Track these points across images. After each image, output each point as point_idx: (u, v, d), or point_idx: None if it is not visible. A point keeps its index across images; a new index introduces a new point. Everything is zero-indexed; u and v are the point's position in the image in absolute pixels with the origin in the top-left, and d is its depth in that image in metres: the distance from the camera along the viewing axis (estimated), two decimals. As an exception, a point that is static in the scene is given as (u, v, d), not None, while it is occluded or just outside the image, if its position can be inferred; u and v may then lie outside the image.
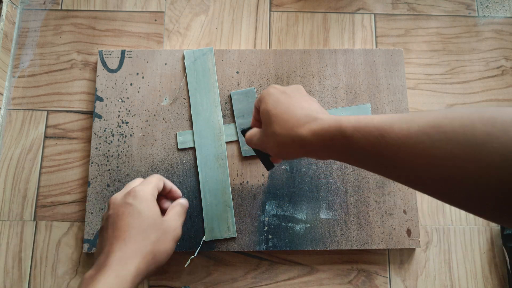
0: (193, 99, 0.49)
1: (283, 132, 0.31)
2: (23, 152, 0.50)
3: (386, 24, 0.55)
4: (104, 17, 0.55)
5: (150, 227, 0.33)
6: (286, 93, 0.33)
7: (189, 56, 0.50)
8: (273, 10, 0.55)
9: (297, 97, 0.33)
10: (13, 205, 0.48)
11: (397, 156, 0.24)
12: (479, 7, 0.56)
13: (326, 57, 0.51)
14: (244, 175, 0.48)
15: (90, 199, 0.47)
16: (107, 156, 0.48)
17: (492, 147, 0.19)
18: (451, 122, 0.22)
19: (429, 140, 0.22)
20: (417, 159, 0.23)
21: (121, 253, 0.31)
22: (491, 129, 0.20)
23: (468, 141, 0.20)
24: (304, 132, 0.29)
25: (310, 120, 0.29)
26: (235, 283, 0.46)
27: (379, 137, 0.24)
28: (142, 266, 0.31)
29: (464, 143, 0.21)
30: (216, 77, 0.50)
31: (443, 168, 0.22)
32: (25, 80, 0.52)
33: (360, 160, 0.27)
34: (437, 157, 0.22)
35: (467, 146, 0.20)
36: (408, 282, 0.47)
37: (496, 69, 0.53)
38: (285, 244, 0.46)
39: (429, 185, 0.23)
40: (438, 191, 0.23)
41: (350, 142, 0.26)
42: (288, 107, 0.31)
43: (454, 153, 0.21)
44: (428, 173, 0.23)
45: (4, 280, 0.46)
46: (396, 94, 0.50)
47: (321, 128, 0.28)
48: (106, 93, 0.50)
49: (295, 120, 0.30)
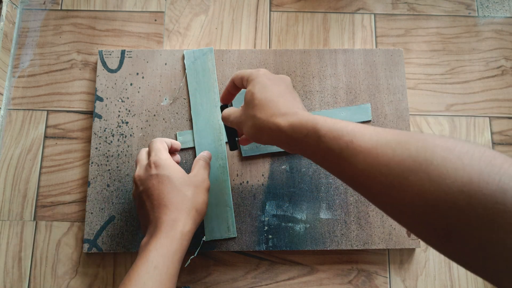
0: (193, 99, 0.49)
1: (263, 117, 0.32)
2: (23, 152, 0.50)
3: (386, 24, 0.55)
4: (104, 17, 0.55)
5: (183, 186, 0.37)
6: (274, 81, 0.35)
7: (189, 56, 0.50)
8: (273, 10, 0.55)
9: (283, 87, 0.34)
10: (13, 205, 0.48)
11: (360, 164, 0.26)
12: (479, 7, 0.56)
13: (326, 57, 0.51)
14: (244, 175, 0.48)
15: (90, 199, 0.47)
16: (107, 156, 0.48)
17: (446, 170, 0.22)
18: (416, 142, 0.24)
19: (392, 153, 0.24)
20: (378, 169, 0.25)
21: (166, 217, 0.34)
22: (448, 155, 0.22)
23: (426, 160, 0.22)
24: (282, 122, 0.31)
25: (291, 112, 0.31)
26: (235, 283, 0.47)
27: (349, 142, 0.26)
28: (189, 222, 0.35)
29: (423, 162, 0.23)
30: (216, 77, 0.50)
31: (399, 181, 0.23)
32: (25, 80, 0.52)
33: (324, 160, 0.29)
34: (396, 170, 0.24)
35: (425, 166, 0.22)
36: (408, 282, 0.47)
37: (496, 69, 0.53)
38: (285, 244, 0.46)
39: (381, 196, 0.26)
40: (388, 204, 0.25)
41: (321, 141, 0.28)
42: (272, 95, 0.33)
43: (411, 169, 0.23)
44: (384, 183, 0.24)
45: (4, 280, 0.46)
46: (396, 94, 0.50)
47: (298, 122, 0.30)
48: (106, 93, 0.50)
49: (277, 109, 0.32)
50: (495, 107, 0.52)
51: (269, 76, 0.35)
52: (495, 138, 0.51)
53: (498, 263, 0.20)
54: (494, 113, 0.52)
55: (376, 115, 0.49)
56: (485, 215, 0.20)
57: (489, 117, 0.52)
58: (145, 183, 0.37)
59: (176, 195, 0.36)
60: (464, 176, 0.21)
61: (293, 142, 0.31)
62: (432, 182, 0.22)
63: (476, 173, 0.21)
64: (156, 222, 0.35)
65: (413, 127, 0.51)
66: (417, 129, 0.51)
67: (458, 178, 0.21)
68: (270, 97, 0.33)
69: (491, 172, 0.20)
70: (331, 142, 0.27)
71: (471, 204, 0.20)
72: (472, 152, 0.22)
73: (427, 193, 0.22)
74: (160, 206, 0.35)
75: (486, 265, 0.21)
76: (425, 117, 0.52)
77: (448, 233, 0.22)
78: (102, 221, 0.46)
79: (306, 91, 0.50)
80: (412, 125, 0.51)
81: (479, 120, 0.52)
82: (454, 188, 0.21)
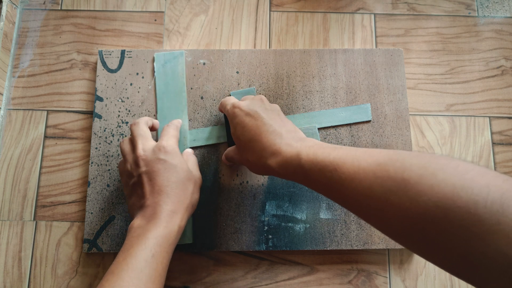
0: (160, 102, 0.49)
1: (255, 160, 0.35)
2: (23, 152, 0.50)
3: (386, 24, 0.55)
4: (104, 17, 0.55)
5: (186, 180, 0.37)
6: (250, 115, 0.36)
7: (159, 59, 0.50)
8: (273, 10, 0.55)
9: (261, 119, 0.35)
10: (13, 205, 0.48)
11: (346, 190, 0.27)
12: (479, 7, 0.56)
13: (326, 57, 0.51)
14: (244, 175, 0.48)
15: (90, 199, 0.47)
16: (107, 156, 0.48)
17: (422, 188, 0.23)
18: (394, 163, 0.25)
19: (374, 176, 0.26)
20: (362, 192, 0.26)
21: (166, 206, 0.34)
22: (423, 172, 0.23)
23: (403, 180, 0.24)
24: (271, 163, 0.33)
25: (275, 152, 0.33)
26: (235, 283, 0.47)
27: (333, 171, 0.28)
28: (185, 216, 0.36)
29: (401, 182, 0.24)
30: (185, 81, 0.49)
31: (382, 202, 0.25)
32: (25, 80, 0.52)
33: (317, 189, 0.31)
34: (378, 191, 0.25)
35: (403, 185, 0.24)
36: (408, 282, 0.47)
37: (496, 69, 0.53)
38: (285, 244, 0.46)
39: (370, 216, 0.27)
40: (376, 222, 0.27)
41: (308, 175, 0.30)
42: (254, 135, 0.35)
43: (392, 190, 0.24)
44: (370, 205, 0.26)
45: (4, 280, 0.46)
46: (396, 94, 0.50)
47: (284, 161, 0.32)
48: (106, 93, 0.50)
49: (263, 150, 0.34)
50: (495, 107, 0.52)
51: (244, 109, 0.37)
52: (495, 138, 0.51)
53: (481, 272, 0.21)
54: (494, 113, 0.52)
55: (376, 115, 0.49)
56: (460, 226, 0.21)
57: (489, 117, 0.52)
58: (150, 165, 0.36)
59: (178, 188, 0.36)
60: (439, 192, 0.22)
61: (286, 177, 0.33)
62: (411, 200, 0.23)
63: (449, 188, 0.22)
64: (155, 208, 0.34)
65: (413, 127, 0.51)
66: (417, 129, 0.51)
67: (433, 194, 0.22)
68: (252, 137, 0.35)
69: (464, 185, 0.22)
70: (317, 175, 0.29)
71: (447, 217, 0.22)
72: (446, 167, 0.23)
73: (407, 211, 0.24)
74: (161, 193, 0.35)
75: (472, 274, 0.22)
76: (425, 117, 0.52)
77: (429, 246, 0.24)
78: (102, 221, 0.46)
79: (306, 91, 0.50)
80: (412, 125, 0.51)
81: (479, 120, 0.52)
82: (430, 204, 0.22)
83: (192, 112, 0.49)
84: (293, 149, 0.32)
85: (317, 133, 0.48)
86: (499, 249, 0.20)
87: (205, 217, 0.46)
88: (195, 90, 0.50)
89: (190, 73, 0.50)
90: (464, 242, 0.21)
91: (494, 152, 0.51)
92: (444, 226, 0.22)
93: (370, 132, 0.49)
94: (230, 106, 0.39)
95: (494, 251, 0.20)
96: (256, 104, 0.37)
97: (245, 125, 0.36)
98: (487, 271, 0.21)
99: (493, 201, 0.20)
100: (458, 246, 0.22)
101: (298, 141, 0.34)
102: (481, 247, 0.21)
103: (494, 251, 0.20)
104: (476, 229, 0.21)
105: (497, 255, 0.20)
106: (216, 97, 0.50)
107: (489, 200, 0.21)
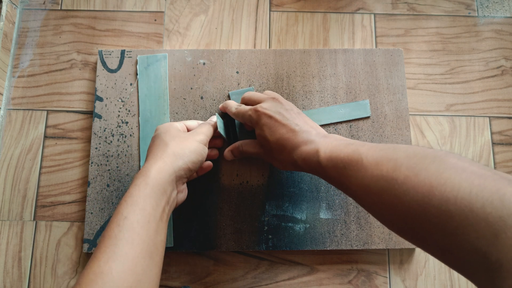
0: (142, 105, 0.49)
1: (283, 158, 0.38)
2: (23, 152, 0.50)
3: (386, 24, 0.55)
4: (104, 17, 0.54)
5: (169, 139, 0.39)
6: (275, 117, 0.38)
7: (142, 62, 0.50)
8: (273, 10, 0.55)
9: (285, 120, 0.38)
10: (12, 205, 0.48)
11: (352, 185, 0.30)
12: (479, 7, 0.56)
13: (326, 57, 0.51)
14: (244, 175, 0.48)
15: (90, 199, 0.47)
16: (107, 156, 0.48)
17: (407, 188, 0.25)
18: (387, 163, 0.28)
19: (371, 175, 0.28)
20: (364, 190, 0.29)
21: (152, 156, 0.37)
22: (409, 173, 0.26)
23: (393, 179, 0.26)
24: (296, 158, 0.36)
25: (300, 149, 0.36)
26: (235, 283, 0.46)
27: (343, 169, 0.31)
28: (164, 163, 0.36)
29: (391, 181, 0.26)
30: (167, 84, 0.49)
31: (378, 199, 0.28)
32: (25, 80, 0.52)
33: (333, 183, 0.34)
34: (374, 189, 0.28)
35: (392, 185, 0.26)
36: (408, 282, 0.47)
37: (496, 69, 0.53)
38: (285, 244, 0.46)
39: (370, 210, 0.30)
40: (375, 215, 0.30)
41: (325, 171, 0.34)
42: (282, 135, 0.38)
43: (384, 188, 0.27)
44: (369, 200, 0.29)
45: (4, 280, 0.46)
46: (396, 94, 0.50)
47: (307, 158, 0.35)
48: (106, 93, 0.50)
49: (290, 148, 0.37)
50: (495, 107, 0.52)
51: (268, 113, 0.39)
52: (495, 138, 0.51)
53: (466, 265, 0.22)
54: (494, 113, 0.52)
55: (376, 115, 0.49)
56: (437, 223, 0.23)
57: (489, 117, 0.52)
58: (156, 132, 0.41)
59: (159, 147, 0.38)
60: (418, 191, 0.24)
61: (311, 172, 0.36)
62: (398, 199, 0.26)
63: (427, 188, 0.24)
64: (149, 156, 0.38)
65: (413, 127, 0.51)
66: (417, 129, 0.51)
67: (415, 193, 0.24)
68: (280, 137, 0.38)
69: (439, 184, 0.23)
70: (331, 171, 0.33)
71: (426, 214, 0.24)
72: (430, 167, 0.25)
73: (396, 208, 0.26)
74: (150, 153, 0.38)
75: (460, 267, 0.23)
76: (425, 117, 0.52)
77: (419, 241, 0.26)
78: (102, 221, 0.46)
79: (306, 91, 0.50)
80: (412, 125, 0.51)
81: (479, 120, 0.52)
82: (413, 202, 0.24)
83: (192, 112, 0.49)
84: (314, 146, 0.35)
85: None
86: (471, 243, 0.21)
87: (205, 217, 0.46)
88: (195, 90, 0.50)
89: (190, 73, 0.50)
90: (443, 237, 0.23)
91: (494, 152, 0.51)
92: (425, 223, 0.24)
93: (370, 132, 0.49)
94: (252, 111, 0.40)
95: (468, 245, 0.21)
96: (277, 106, 0.40)
97: (271, 126, 0.38)
98: (469, 264, 0.22)
99: (462, 197, 0.22)
100: (439, 241, 0.23)
101: (320, 137, 0.36)
102: (456, 242, 0.22)
103: (468, 245, 0.21)
104: (449, 225, 0.22)
105: (471, 249, 0.21)
106: (216, 97, 0.50)
107: (459, 197, 0.22)
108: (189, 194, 0.47)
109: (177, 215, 0.46)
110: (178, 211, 0.46)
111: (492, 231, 0.20)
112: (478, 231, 0.21)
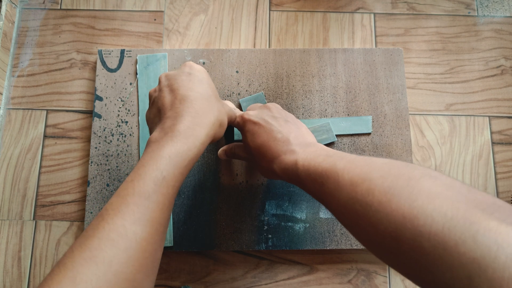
0: (142, 105, 0.49)
1: (264, 165, 0.37)
2: (22, 152, 0.50)
3: (386, 24, 0.55)
4: (103, 17, 0.54)
5: (214, 97, 0.34)
6: (259, 124, 0.37)
7: (142, 61, 0.50)
8: (272, 10, 0.55)
9: (269, 126, 0.37)
10: (12, 204, 0.48)
11: (330, 204, 0.29)
12: (478, 6, 0.56)
13: (325, 56, 0.51)
14: (244, 175, 0.48)
15: (90, 198, 0.47)
16: (106, 156, 0.48)
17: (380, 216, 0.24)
18: (362, 184, 0.26)
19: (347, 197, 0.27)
20: (339, 210, 0.28)
21: (189, 117, 0.30)
22: (382, 198, 0.24)
23: (367, 205, 0.25)
24: (275, 167, 0.35)
25: (279, 158, 0.35)
26: (234, 283, 0.47)
27: (321, 184, 0.30)
28: (210, 134, 0.32)
29: (366, 207, 0.25)
30: None
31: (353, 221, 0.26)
32: (25, 80, 0.52)
33: (312, 195, 0.33)
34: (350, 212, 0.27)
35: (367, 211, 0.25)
36: (408, 281, 0.47)
37: (496, 69, 0.53)
38: (285, 244, 0.46)
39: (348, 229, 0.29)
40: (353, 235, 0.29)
41: (303, 183, 0.32)
42: (263, 142, 0.36)
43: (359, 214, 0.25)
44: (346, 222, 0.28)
45: (4, 279, 0.46)
46: (396, 93, 0.50)
47: (285, 168, 0.34)
48: (106, 93, 0.49)
49: (270, 156, 0.35)
50: (495, 106, 0.52)
51: (253, 119, 0.38)
52: (495, 138, 0.51)
53: None
54: (494, 112, 0.52)
55: (375, 115, 0.49)
56: (411, 258, 0.22)
57: (489, 117, 0.52)
58: (173, 79, 0.33)
59: (205, 99, 0.32)
60: (391, 222, 0.23)
61: (290, 182, 0.35)
62: (372, 227, 0.24)
63: (400, 219, 0.22)
64: (175, 119, 0.30)
65: (413, 127, 0.51)
66: (417, 129, 0.51)
67: (388, 224, 0.23)
68: (262, 144, 0.36)
69: (411, 214, 0.22)
70: (310, 185, 0.31)
71: (400, 248, 0.22)
72: (403, 191, 0.23)
73: (371, 236, 0.25)
74: (183, 102, 0.31)
75: None
76: (424, 117, 0.52)
77: (398, 270, 0.24)
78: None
79: (305, 90, 0.50)
80: (411, 125, 0.51)
81: (478, 120, 0.52)
82: (386, 234, 0.23)
83: (191, 111, 0.49)
84: (293, 157, 0.33)
85: (331, 129, 0.48)
86: (446, 283, 0.20)
87: (205, 216, 0.46)
88: (195, 90, 0.50)
89: (190, 73, 0.50)
90: (418, 272, 0.22)
91: (493, 151, 0.51)
92: (400, 256, 0.23)
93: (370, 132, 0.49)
94: (239, 117, 0.39)
95: (444, 285, 0.20)
96: (264, 112, 0.39)
97: (254, 132, 0.37)
98: None
99: (436, 233, 0.20)
100: (415, 275, 0.22)
101: (302, 147, 0.34)
102: (432, 279, 0.21)
103: (443, 285, 0.20)
104: (424, 261, 0.21)
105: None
106: (216, 97, 0.50)
107: (432, 232, 0.21)
108: (189, 194, 0.47)
109: (177, 215, 0.46)
110: (178, 211, 0.46)
111: (466, 274, 0.19)
112: (452, 271, 0.20)
